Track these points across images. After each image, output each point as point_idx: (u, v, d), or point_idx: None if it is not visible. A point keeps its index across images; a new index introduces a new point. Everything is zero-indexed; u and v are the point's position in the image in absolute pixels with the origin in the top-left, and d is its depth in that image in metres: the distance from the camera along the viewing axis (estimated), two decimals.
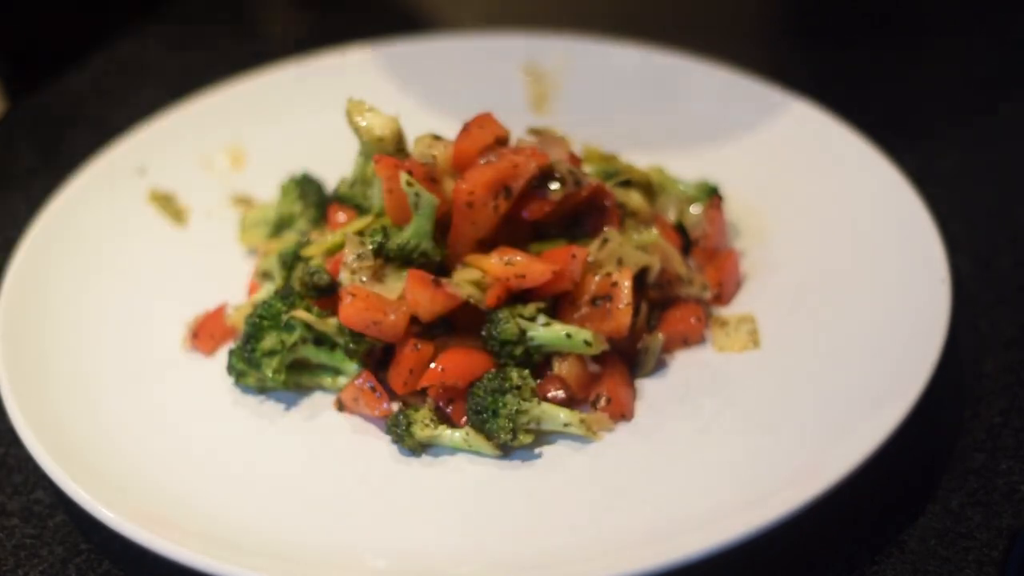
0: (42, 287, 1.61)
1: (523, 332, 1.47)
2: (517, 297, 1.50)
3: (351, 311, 1.46)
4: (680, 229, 1.65)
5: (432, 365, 1.47)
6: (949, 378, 1.53)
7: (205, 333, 1.59)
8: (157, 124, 1.86)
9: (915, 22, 2.24)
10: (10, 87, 2.13)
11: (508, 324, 1.46)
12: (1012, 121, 2.01)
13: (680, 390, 1.51)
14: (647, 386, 1.52)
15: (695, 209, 1.67)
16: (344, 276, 1.49)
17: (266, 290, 1.62)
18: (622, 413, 1.48)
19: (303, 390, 1.54)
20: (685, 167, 1.75)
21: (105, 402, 1.50)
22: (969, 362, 1.58)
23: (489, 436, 1.44)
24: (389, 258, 1.50)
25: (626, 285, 1.49)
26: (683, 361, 1.55)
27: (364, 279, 1.48)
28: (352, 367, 1.51)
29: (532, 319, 1.48)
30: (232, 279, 1.69)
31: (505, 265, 1.47)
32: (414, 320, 1.48)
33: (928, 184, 1.71)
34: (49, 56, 2.20)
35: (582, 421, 1.45)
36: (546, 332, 1.47)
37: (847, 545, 1.38)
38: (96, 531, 1.39)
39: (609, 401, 1.48)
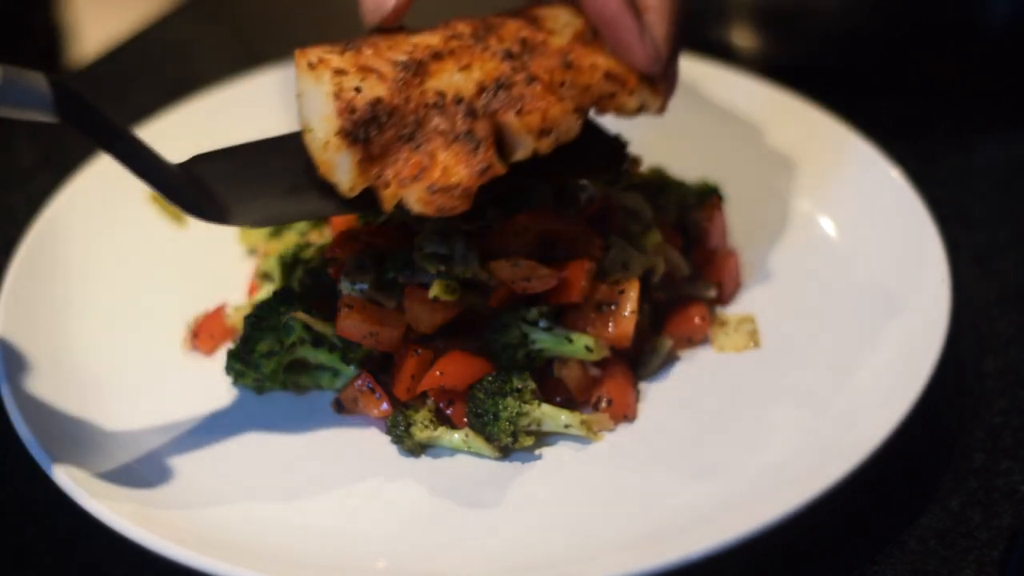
0: (42, 287, 1.61)
1: (525, 336, 1.47)
2: (519, 299, 1.49)
3: (348, 323, 1.45)
4: (681, 229, 1.65)
5: (432, 370, 1.46)
6: (949, 378, 1.53)
7: (205, 333, 1.59)
8: (157, 124, 1.86)
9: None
10: None
11: (510, 328, 1.46)
12: (1012, 121, 2.01)
13: (680, 390, 1.51)
14: (647, 386, 1.52)
15: (695, 209, 1.67)
16: (344, 286, 1.49)
17: (266, 290, 1.62)
18: (624, 414, 1.48)
19: (301, 390, 1.54)
20: (685, 167, 1.75)
21: (105, 402, 1.50)
22: (969, 362, 1.58)
23: (490, 439, 1.43)
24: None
25: (633, 294, 1.48)
26: (683, 361, 1.55)
27: (364, 288, 1.48)
28: (351, 368, 1.51)
29: (534, 323, 1.47)
30: (232, 279, 1.69)
31: (512, 268, 1.47)
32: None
33: (928, 184, 1.71)
34: None
35: (583, 422, 1.45)
36: (547, 337, 1.47)
37: (847, 545, 1.38)
38: (96, 531, 1.38)
39: (610, 403, 1.47)
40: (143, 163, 1.32)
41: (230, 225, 1.36)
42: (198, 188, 1.36)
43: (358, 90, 1.35)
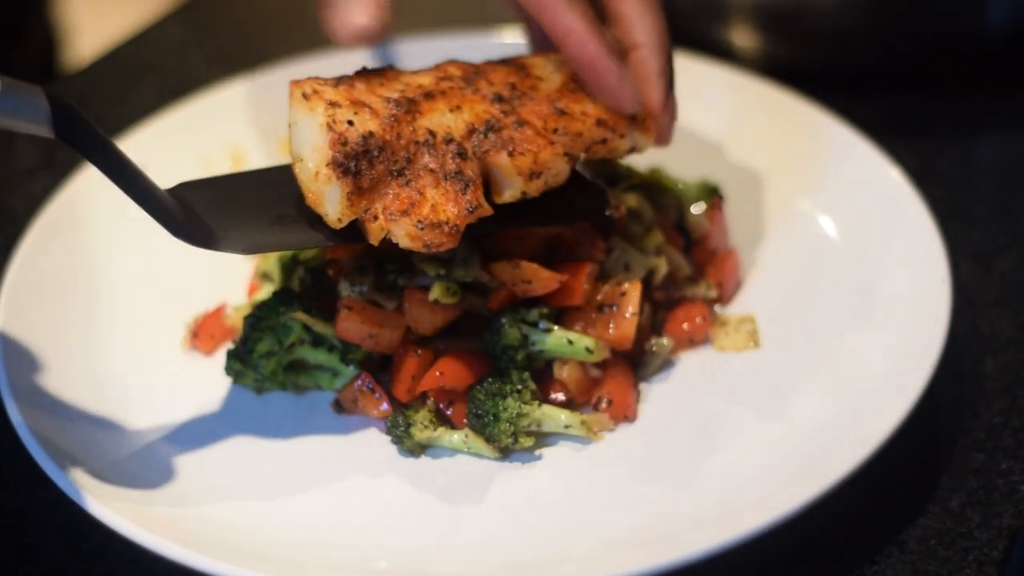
0: (42, 287, 1.61)
1: (525, 338, 1.47)
2: (519, 301, 1.49)
3: (347, 324, 1.45)
4: (681, 229, 1.65)
5: (432, 370, 1.46)
6: (949, 378, 1.53)
7: (205, 333, 1.59)
8: (157, 124, 1.86)
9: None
10: None
11: (510, 330, 1.46)
12: (1012, 121, 2.01)
13: (680, 390, 1.51)
14: (647, 386, 1.52)
15: (696, 209, 1.67)
16: (343, 287, 1.49)
17: (265, 291, 1.62)
18: (625, 414, 1.47)
19: (301, 390, 1.53)
20: (685, 167, 1.75)
21: (105, 402, 1.49)
22: (969, 362, 1.59)
23: (490, 440, 1.43)
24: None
25: (634, 296, 1.48)
26: (684, 361, 1.55)
27: (363, 290, 1.48)
28: (350, 369, 1.51)
29: (534, 324, 1.47)
30: (232, 279, 1.69)
31: (513, 270, 1.47)
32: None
33: (928, 184, 1.71)
34: None
35: (583, 423, 1.45)
36: (548, 338, 1.47)
37: (847, 545, 1.38)
38: (96, 531, 1.39)
39: (611, 403, 1.47)
40: (134, 184, 1.33)
41: (216, 251, 1.37)
42: (186, 212, 1.37)
43: (351, 123, 1.37)
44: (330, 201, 1.37)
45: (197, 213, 1.39)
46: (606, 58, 1.45)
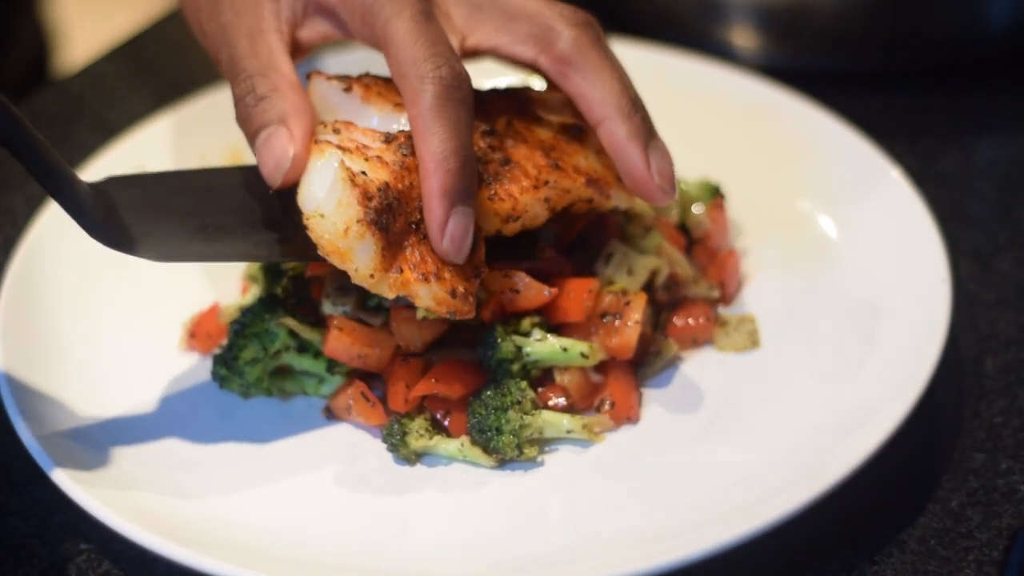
0: (42, 287, 1.61)
1: (519, 349, 1.46)
2: (511, 313, 1.48)
3: (336, 345, 1.44)
4: (683, 229, 1.65)
5: (427, 376, 1.45)
6: (949, 378, 1.53)
7: (202, 332, 1.59)
8: (157, 124, 1.86)
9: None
10: None
11: (504, 343, 1.45)
12: (1012, 121, 2.01)
13: (681, 391, 1.51)
14: (647, 387, 1.52)
15: (697, 209, 1.67)
16: (326, 306, 1.48)
17: (252, 293, 1.60)
18: (628, 416, 1.47)
19: (287, 396, 1.52)
20: (685, 167, 1.74)
21: (105, 401, 1.49)
22: (969, 362, 1.58)
23: (495, 453, 1.42)
24: None
25: (639, 306, 1.47)
26: (684, 361, 1.55)
27: (347, 310, 1.47)
28: (336, 376, 1.50)
29: (526, 335, 1.47)
30: (230, 279, 1.68)
31: (503, 279, 1.46)
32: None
33: (928, 184, 1.71)
34: None
35: (584, 426, 1.44)
36: (541, 347, 1.46)
37: (847, 545, 1.38)
38: (96, 531, 1.39)
39: (613, 405, 1.47)
40: (53, 176, 1.28)
41: (130, 255, 1.33)
42: (106, 211, 1.33)
43: (364, 173, 1.35)
44: (361, 257, 1.34)
45: (119, 212, 1.34)
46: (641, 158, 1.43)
